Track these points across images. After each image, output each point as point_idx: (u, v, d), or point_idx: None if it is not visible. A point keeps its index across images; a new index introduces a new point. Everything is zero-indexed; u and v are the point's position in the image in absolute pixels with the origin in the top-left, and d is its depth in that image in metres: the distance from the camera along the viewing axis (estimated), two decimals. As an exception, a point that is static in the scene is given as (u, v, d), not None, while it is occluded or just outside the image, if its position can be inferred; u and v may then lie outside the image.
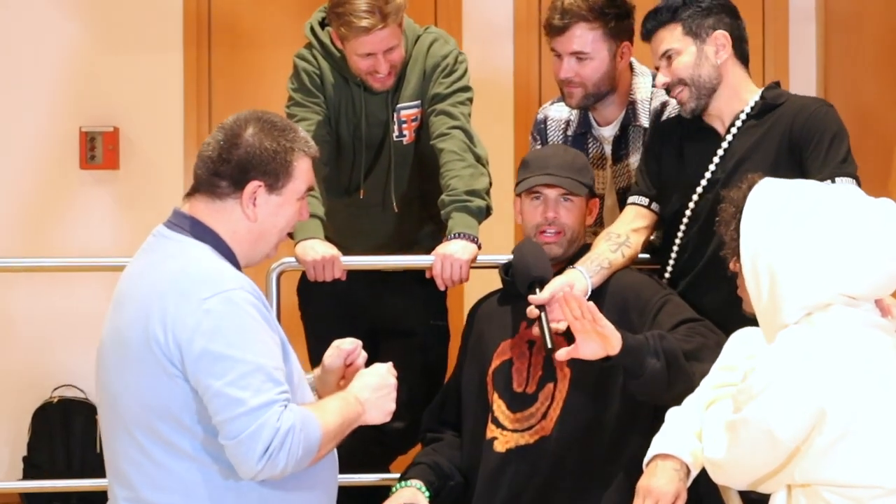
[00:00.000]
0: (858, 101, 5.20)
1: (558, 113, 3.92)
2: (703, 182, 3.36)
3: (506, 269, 3.49)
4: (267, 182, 2.73)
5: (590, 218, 3.49)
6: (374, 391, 2.81)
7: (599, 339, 3.04)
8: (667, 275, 3.45)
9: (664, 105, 3.72)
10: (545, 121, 3.94)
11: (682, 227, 3.39)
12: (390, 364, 2.88)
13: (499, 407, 3.36)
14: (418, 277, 3.83)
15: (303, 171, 2.78)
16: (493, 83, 5.54)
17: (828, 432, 2.58)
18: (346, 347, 2.94)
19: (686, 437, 2.86)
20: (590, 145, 3.84)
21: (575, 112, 3.86)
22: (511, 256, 3.47)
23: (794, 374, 2.60)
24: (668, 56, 3.36)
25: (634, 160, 3.76)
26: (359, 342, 2.96)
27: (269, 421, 2.56)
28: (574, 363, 3.23)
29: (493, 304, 3.53)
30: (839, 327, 2.65)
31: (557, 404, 3.28)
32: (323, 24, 3.92)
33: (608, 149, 3.82)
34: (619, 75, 3.74)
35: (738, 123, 3.37)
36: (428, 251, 3.92)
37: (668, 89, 3.39)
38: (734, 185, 3.19)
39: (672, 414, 2.95)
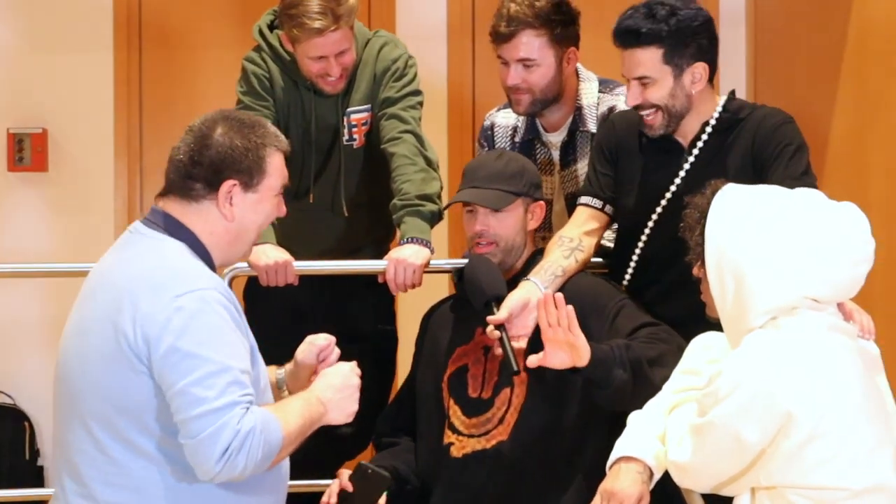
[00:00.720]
0: (789, 104, 5.20)
1: (505, 119, 3.93)
2: (668, 196, 3.35)
3: (458, 275, 3.48)
4: (241, 180, 2.73)
5: (533, 222, 3.45)
6: (337, 391, 2.80)
7: (569, 350, 3.04)
8: (625, 283, 3.45)
9: (611, 110, 3.74)
10: (492, 127, 3.95)
11: (644, 238, 3.39)
12: (354, 364, 2.87)
13: (455, 413, 3.35)
14: (367, 282, 3.81)
15: (276, 167, 2.78)
16: (426, 87, 5.41)
17: (794, 435, 2.61)
18: (319, 343, 2.94)
19: (649, 440, 2.88)
20: (537, 151, 3.85)
21: (522, 118, 3.87)
22: (461, 261, 3.48)
23: (761, 378, 2.63)
24: (642, 81, 3.30)
25: (582, 165, 3.78)
26: (332, 338, 2.96)
27: (230, 422, 2.55)
28: (530, 368, 3.23)
29: (446, 309, 3.53)
30: (805, 331, 2.69)
31: (514, 409, 3.28)
32: (272, 27, 3.89)
33: (556, 154, 3.83)
34: (565, 81, 3.75)
35: (704, 137, 3.36)
36: (376, 256, 3.94)
37: (638, 108, 3.36)
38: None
39: (634, 417, 2.96)
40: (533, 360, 3.07)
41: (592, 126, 3.76)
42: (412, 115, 3.80)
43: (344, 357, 3.72)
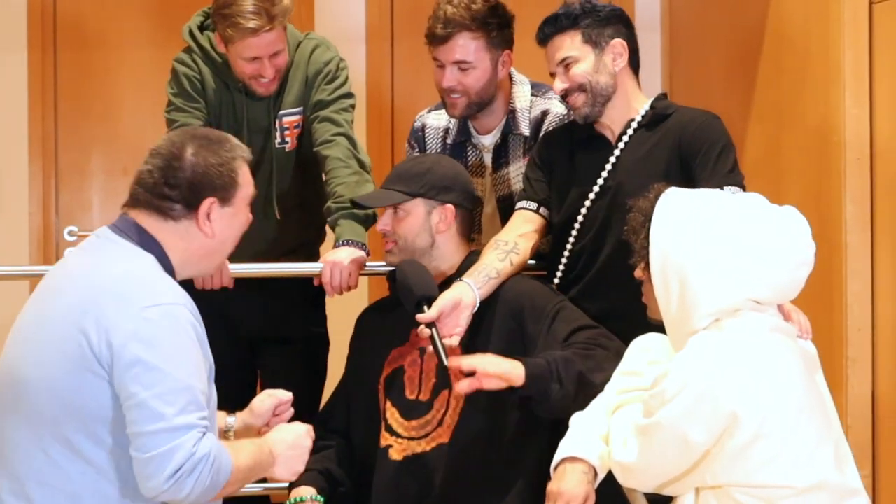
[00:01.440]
0: (704, 107, 5.31)
1: (436, 121, 3.94)
2: (596, 189, 3.40)
3: (392, 277, 3.48)
4: (219, 196, 2.74)
5: (441, 225, 3.43)
6: (288, 448, 2.82)
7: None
8: (555, 281, 3.48)
9: (544, 113, 3.77)
10: (423, 129, 3.95)
11: (573, 235, 3.43)
12: (310, 427, 2.89)
13: (392, 415, 3.35)
14: (297, 284, 3.80)
15: (246, 177, 2.80)
16: (344, 89, 5.50)
17: (739, 435, 2.65)
18: (279, 397, 2.99)
19: (593, 441, 2.90)
20: (469, 154, 3.86)
21: (454, 120, 3.87)
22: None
23: (707, 379, 2.66)
24: (566, 63, 3.39)
25: (514, 168, 3.80)
26: (291, 396, 3.01)
27: (185, 444, 2.53)
28: (468, 371, 3.24)
29: (381, 311, 3.53)
30: (748, 332, 2.73)
31: (454, 411, 3.28)
32: (202, 28, 3.86)
33: (488, 157, 3.85)
34: (499, 84, 3.77)
35: (630, 132, 3.43)
36: (307, 258, 3.94)
37: (565, 95, 3.42)
38: (627, 194, 3.28)
39: (577, 419, 2.99)
40: (464, 386, 3.07)
41: (525, 129, 3.78)
42: (345, 117, 3.80)
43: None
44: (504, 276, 3.35)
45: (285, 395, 2.98)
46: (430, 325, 3.18)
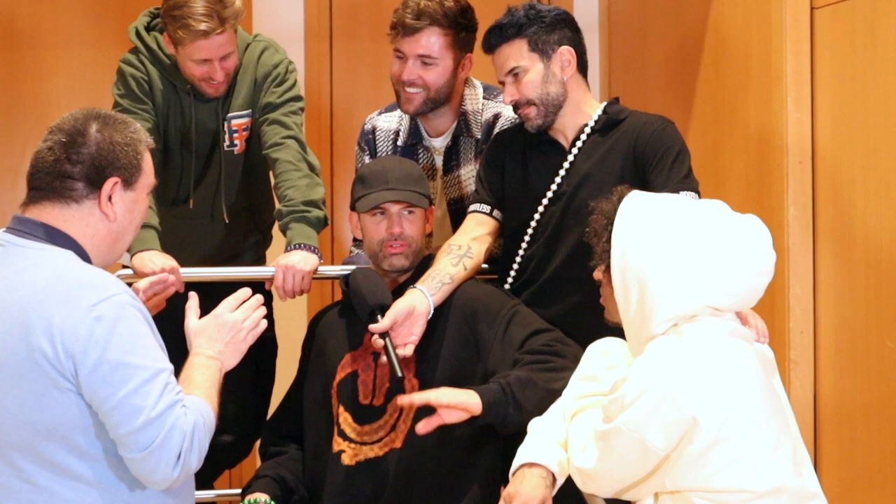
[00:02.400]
0: (641, 108, 5.33)
1: (387, 123, 3.91)
2: (549, 194, 3.40)
3: (346, 282, 3.46)
4: (123, 177, 2.64)
5: (429, 227, 3.48)
6: (217, 341, 2.76)
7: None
8: (507, 286, 3.47)
9: (496, 117, 3.76)
10: (374, 131, 3.93)
11: (527, 239, 3.42)
12: (224, 303, 2.82)
13: (345, 420, 3.32)
14: (245, 287, 3.74)
15: (149, 165, 2.72)
16: (282, 91, 5.45)
17: (699, 440, 2.65)
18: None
19: (551, 446, 2.90)
20: (420, 156, 3.85)
21: (404, 122, 3.86)
22: (349, 267, 3.48)
23: (666, 384, 2.67)
24: (514, 73, 3.37)
25: (465, 171, 3.79)
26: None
27: (176, 424, 2.49)
28: (422, 371, 3.24)
29: (334, 315, 3.50)
30: (706, 337, 2.74)
31: (407, 416, 3.26)
32: (149, 28, 3.80)
33: (439, 160, 3.84)
34: (455, 87, 3.75)
35: (583, 137, 3.42)
36: (254, 261, 3.92)
37: (515, 107, 3.41)
38: (582, 200, 3.28)
39: (535, 424, 2.98)
40: (421, 427, 3.06)
41: (477, 132, 3.77)
42: (294, 120, 3.77)
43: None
44: (458, 281, 3.34)
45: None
46: (383, 334, 3.16)
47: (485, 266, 3.53)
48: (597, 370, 2.95)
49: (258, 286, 3.60)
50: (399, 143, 3.87)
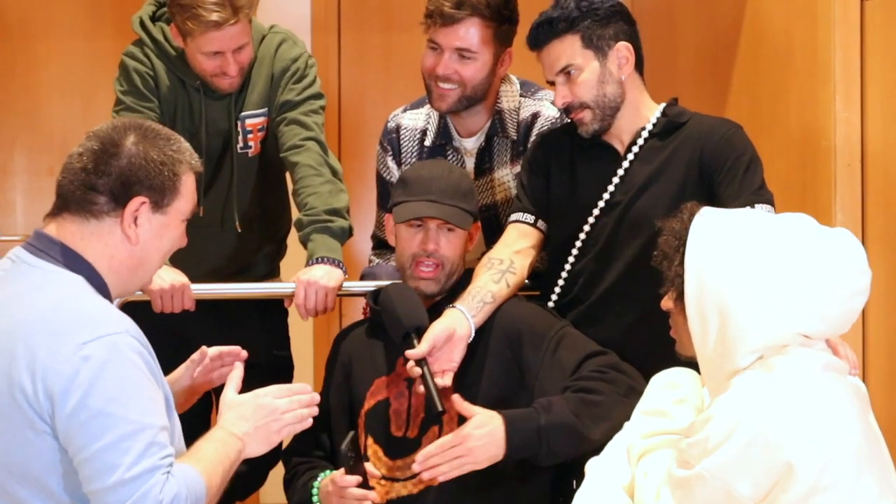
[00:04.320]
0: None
1: (412, 121, 3.60)
2: (601, 204, 3.11)
3: (374, 298, 3.16)
4: (152, 199, 2.41)
5: (470, 244, 3.18)
6: (248, 419, 2.48)
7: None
8: (550, 304, 3.18)
9: (535, 116, 3.47)
10: (398, 129, 3.61)
11: (574, 253, 3.13)
12: (276, 387, 2.55)
13: (374, 453, 3.04)
14: (258, 304, 3.51)
15: (189, 189, 2.47)
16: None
17: (794, 489, 2.35)
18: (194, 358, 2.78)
19: (615, 493, 2.60)
20: (449, 158, 3.53)
21: (433, 120, 3.55)
22: (378, 283, 3.21)
23: (757, 425, 2.37)
24: (566, 72, 3.07)
25: (499, 175, 3.49)
26: (207, 350, 2.78)
27: (150, 492, 2.22)
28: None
29: (361, 335, 3.20)
30: (799, 372, 2.44)
31: (446, 450, 2.96)
32: (154, 19, 3.52)
33: (470, 162, 3.52)
34: (493, 83, 3.45)
35: (640, 142, 3.13)
36: (267, 273, 3.70)
37: (567, 110, 3.12)
38: (639, 211, 3.02)
39: (594, 466, 2.68)
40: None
41: (513, 132, 3.47)
42: (315, 120, 3.48)
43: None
44: (500, 299, 3.05)
45: (199, 354, 2.75)
46: (420, 361, 2.87)
47: (527, 282, 3.23)
48: (664, 404, 2.66)
49: (275, 302, 3.35)
50: (426, 143, 3.56)
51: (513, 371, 2.98)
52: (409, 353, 2.89)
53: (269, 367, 3.58)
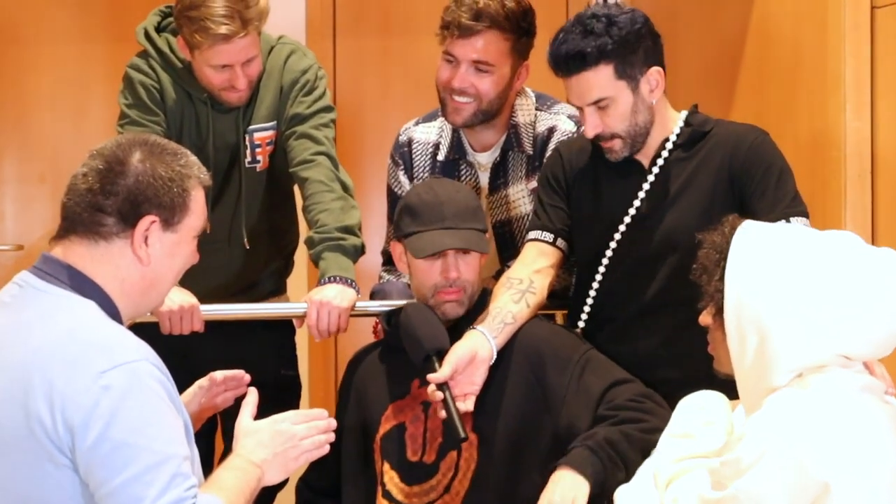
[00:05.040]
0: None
1: (425, 135, 3.51)
2: (627, 220, 3.03)
3: (388, 319, 3.08)
4: (162, 217, 2.32)
5: (485, 259, 3.09)
6: (267, 447, 2.40)
7: None
8: (581, 323, 3.10)
9: (551, 130, 3.38)
10: (409, 143, 3.52)
11: (602, 270, 3.05)
12: (291, 413, 2.47)
13: (391, 479, 2.95)
14: (265, 321, 3.42)
15: (199, 204, 2.39)
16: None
17: (829, 510, 2.29)
18: (203, 384, 2.72)
19: (645, 520, 2.53)
20: (463, 173, 3.45)
21: (446, 134, 3.46)
22: (393, 302, 3.13)
23: (792, 445, 2.30)
24: (598, 104, 2.98)
25: (514, 191, 3.40)
26: (218, 376, 2.72)
27: None
28: (480, 426, 2.87)
29: (375, 359, 3.11)
30: (837, 392, 2.37)
31: (464, 476, 2.89)
32: (159, 29, 3.41)
33: (484, 178, 3.44)
34: (509, 97, 3.36)
35: (665, 154, 3.05)
36: (274, 290, 3.61)
37: (597, 138, 3.02)
38: (667, 225, 2.96)
39: (623, 493, 2.61)
40: None
41: (528, 146, 3.38)
42: (325, 134, 3.39)
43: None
44: (520, 320, 2.96)
45: (208, 380, 2.70)
46: (441, 385, 2.79)
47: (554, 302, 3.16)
48: (692, 427, 2.58)
49: (282, 320, 3.27)
50: (439, 157, 3.46)
51: (536, 393, 2.90)
52: (430, 377, 2.81)
53: (277, 387, 3.48)
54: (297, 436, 2.43)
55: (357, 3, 5.41)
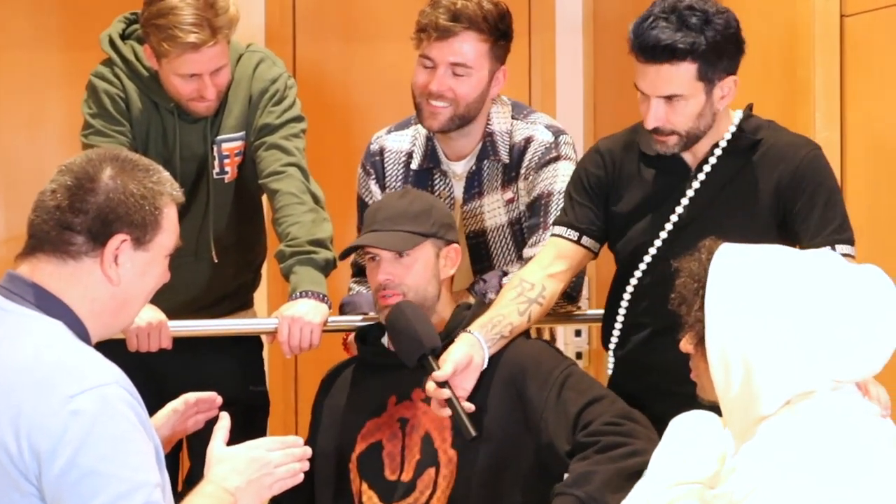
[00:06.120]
0: (628, 114, 4.98)
1: (397, 143, 3.43)
2: (668, 227, 2.97)
3: (361, 336, 3.03)
4: (133, 235, 2.24)
5: (447, 268, 3.02)
6: (241, 473, 2.32)
7: None
8: (618, 325, 3.04)
9: (528, 141, 3.30)
10: (381, 152, 3.44)
11: (637, 276, 2.99)
12: (270, 439, 2.40)
13: (369, 498, 2.90)
14: (232, 337, 3.36)
15: (172, 222, 2.32)
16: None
17: (824, 539, 2.23)
18: (178, 408, 2.65)
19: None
20: (437, 183, 3.37)
21: (419, 142, 3.38)
22: (367, 316, 3.08)
23: (784, 478, 2.25)
24: (669, 98, 2.90)
25: (489, 201, 3.33)
26: (191, 398, 2.66)
27: None
28: (460, 443, 2.81)
29: (349, 375, 3.05)
30: (829, 419, 2.32)
31: (442, 493, 2.83)
32: (125, 36, 3.33)
33: (458, 188, 3.36)
34: (486, 103, 3.30)
35: (713, 160, 2.98)
36: (241, 305, 3.53)
37: (654, 130, 2.94)
38: (712, 234, 2.84)
39: (616, 522, 2.55)
40: None
41: (504, 155, 3.31)
42: (296, 145, 3.31)
43: (209, 426, 3.22)
44: (516, 333, 2.92)
45: (182, 403, 2.64)
46: (444, 384, 2.75)
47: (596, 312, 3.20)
48: (685, 451, 2.53)
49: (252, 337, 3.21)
50: (412, 166, 3.38)
51: (517, 409, 2.85)
52: (436, 374, 2.75)
53: (245, 404, 3.41)
54: (272, 463, 2.36)
55: (317, 8, 5.34)
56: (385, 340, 3.00)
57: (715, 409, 2.52)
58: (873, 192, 3.82)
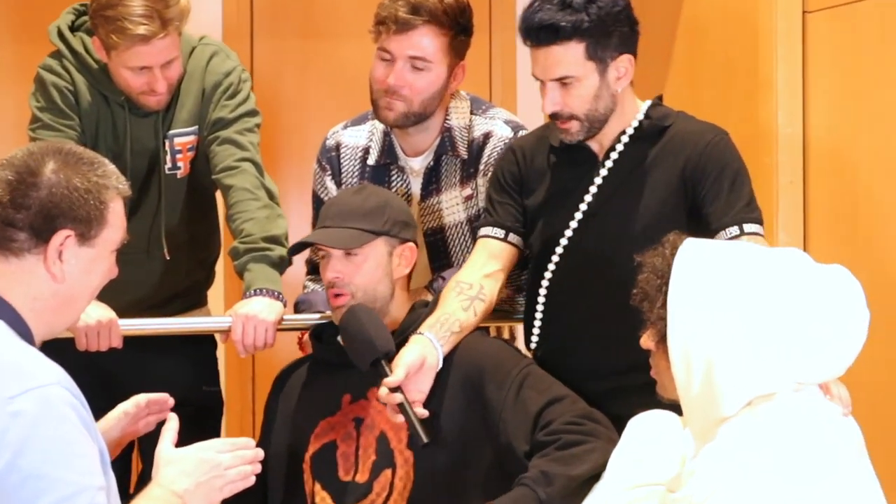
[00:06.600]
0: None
1: (354, 139, 3.37)
2: (578, 216, 2.94)
3: (317, 334, 2.98)
4: (78, 231, 2.20)
5: (401, 267, 2.97)
6: (189, 475, 2.27)
7: None
8: (537, 322, 3.00)
9: (487, 136, 3.26)
10: (337, 147, 3.38)
11: (551, 269, 2.96)
12: (217, 441, 2.35)
13: (323, 499, 2.84)
14: (185, 336, 3.28)
15: (118, 217, 2.27)
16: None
17: (786, 541, 2.20)
18: (129, 410, 2.59)
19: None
20: (394, 179, 3.32)
21: (376, 138, 3.33)
22: (322, 314, 3.04)
23: (744, 480, 2.21)
24: (563, 81, 2.88)
25: (447, 197, 3.29)
26: (142, 400, 2.61)
27: None
28: (417, 443, 2.75)
29: (303, 374, 3.00)
30: (790, 421, 2.28)
31: (400, 495, 2.78)
32: (74, 28, 3.26)
33: (416, 183, 3.31)
34: (444, 99, 3.25)
35: (619, 147, 2.95)
36: (194, 303, 3.47)
37: (554, 116, 2.93)
38: (619, 220, 2.86)
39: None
40: None
41: (463, 150, 3.27)
42: (250, 139, 3.25)
43: (159, 425, 3.17)
44: (466, 329, 2.87)
45: (134, 405, 2.58)
46: (396, 389, 2.70)
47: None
48: (644, 452, 2.49)
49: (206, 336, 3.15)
50: (369, 162, 3.33)
51: (475, 408, 2.80)
52: (388, 380, 2.70)
53: (199, 404, 3.35)
54: (223, 465, 2.31)
55: (275, 4, 5.31)
56: (341, 339, 2.95)
57: (673, 407, 2.48)
58: (835, 188, 3.80)
